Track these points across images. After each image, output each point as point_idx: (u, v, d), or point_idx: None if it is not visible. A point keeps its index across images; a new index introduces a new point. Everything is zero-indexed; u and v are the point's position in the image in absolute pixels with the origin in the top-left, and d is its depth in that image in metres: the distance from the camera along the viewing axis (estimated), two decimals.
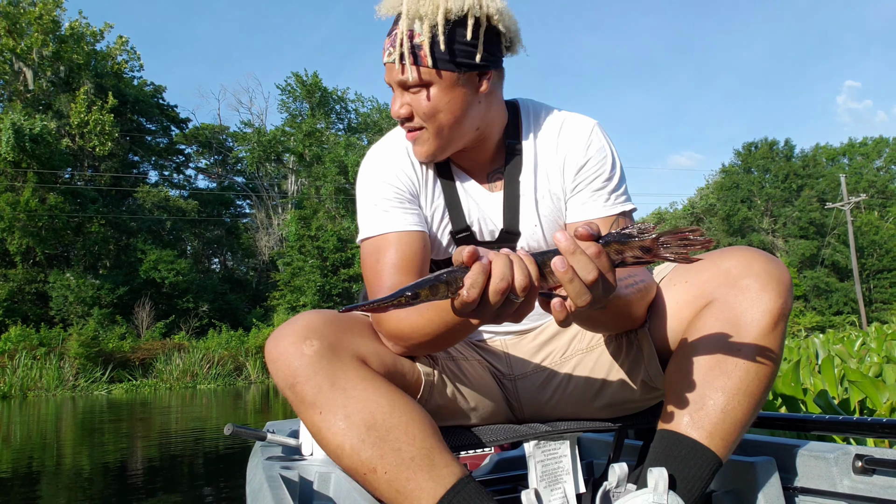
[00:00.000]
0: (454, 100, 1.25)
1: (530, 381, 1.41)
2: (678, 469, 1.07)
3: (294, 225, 33.76)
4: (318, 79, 37.30)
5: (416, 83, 1.23)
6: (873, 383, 1.93)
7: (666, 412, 1.15)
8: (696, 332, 1.15)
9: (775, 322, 1.11)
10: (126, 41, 33.49)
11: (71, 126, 29.62)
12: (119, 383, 21.77)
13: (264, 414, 11.21)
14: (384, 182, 1.33)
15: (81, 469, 5.90)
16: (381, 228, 1.30)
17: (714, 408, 1.09)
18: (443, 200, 1.37)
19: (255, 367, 24.56)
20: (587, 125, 1.35)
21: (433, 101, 1.24)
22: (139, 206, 33.11)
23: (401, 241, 1.28)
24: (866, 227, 42.21)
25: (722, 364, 1.11)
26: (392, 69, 1.24)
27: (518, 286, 0.81)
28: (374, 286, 1.26)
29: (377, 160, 1.38)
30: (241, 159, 39.42)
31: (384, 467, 1.03)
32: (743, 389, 1.09)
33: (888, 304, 38.21)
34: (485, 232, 1.37)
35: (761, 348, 1.11)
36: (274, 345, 1.10)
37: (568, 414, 1.40)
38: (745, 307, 1.12)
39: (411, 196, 1.34)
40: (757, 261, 1.15)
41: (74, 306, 26.24)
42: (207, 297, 30.39)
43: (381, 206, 1.32)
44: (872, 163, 52.24)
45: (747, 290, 1.13)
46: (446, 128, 1.27)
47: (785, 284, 1.13)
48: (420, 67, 1.21)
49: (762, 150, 45.85)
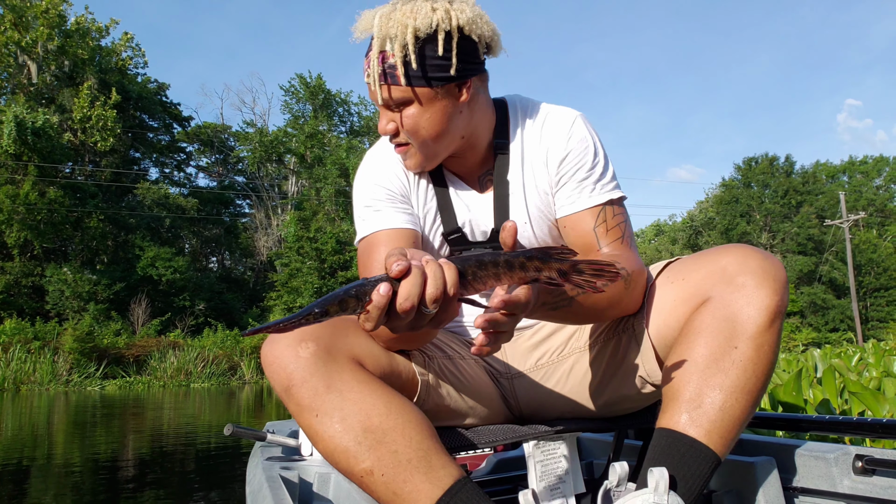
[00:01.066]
0: (434, 114, 1.26)
1: (527, 380, 1.41)
2: (677, 468, 1.07)
3: (293, 226, 33.77)
4: (322, 81, 37.42)
5: (393, 102, 1.25)
6: (874, 395, 1.92)
7: (664, 410, 1.14)
8: (692, 329, 1.15)
9: (772, 319, 1.11)
10: (131, 38, 33.58)
11: (73, 121, 29.63)
12: (112, 379, 21.73)
13: (258, 415, 11.19)
14: (376, 184, 1.37)
15: (72, 464, 5.87)
16: (373, 227, 1.33)
17: (712, 406, 1.08)
18: (435, 203, 1.39)
19: (249, 367, 24.52)
20: (568, 117, 1.36)
21: (413, 118, 1.26)
22: (139, 202, 33.08)
23: (391, 239, 1.30)
24: (864, 245, 42.28)
25: (719, 362, 1.10)
26: (371, 89, 1.27)
27: (429, 298, 0.80)
28: None
29: (370, 165, 1.42)
30: (242, 159, 39.47)
31: (381, 469, 1.03)
32: (740, 387, 1.09)
33: (884, 323, 38.19)
34: (477, 233, 1.40)
35: (758, 345, 1.10)
36: (269, 348, 1.10)
37: (567, 413, 1.40)
38: (742, 304, 1.12)
39: (403, 198, 1.37)
40: (752, 258, 1.15)
41: (70, 301, 26.19)
42: (204, 295, 30.34)
43: (372, 206, 1.35)
44: (872, 181, 52.42)
45: (743, 287, 1.12)
46: (430, 141, 1.29)
47: (780, 281, 1.13)
48: (394, 87, 1.23)
49: (762, 165, 45.96)
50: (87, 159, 31.72)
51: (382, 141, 1.43)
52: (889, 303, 40.86)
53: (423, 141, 1.29)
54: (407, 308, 0.79)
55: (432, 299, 0.80)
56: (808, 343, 32.09)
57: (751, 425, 1.60)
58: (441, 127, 1.27)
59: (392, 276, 0.78)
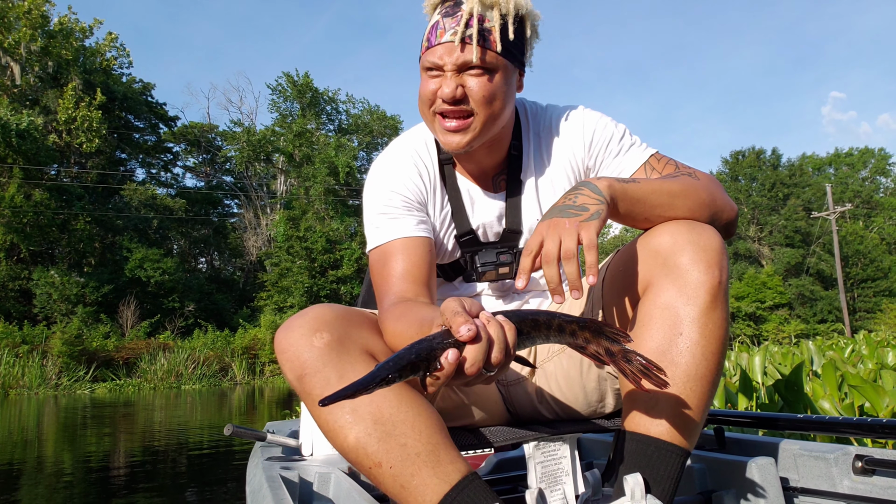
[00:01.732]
0: (508, 90, 1.28)
1: (521, 387, 1.42)
2: (647, 470, 1.06)
3: (282, 225, 33.61)
4: (310, 79, 37.15)
5: (480, 65, 1.22)
6: (874, 388, 1.93)
7: (625, 411, 1.13)
8: (639, 323, 1.12)
9: (713, 297, 1.07)
10: (115, 38, 33.22)
11: (58, 122, 29.34)
12: (102, 382, 21.56)
13: (250, 416, 11.13)
14: (391, 191, 1.34)
15: (62, 468, 5.81)
16: (388, 236, 1.31)
17: (667, 401, 1.06)
18: (449, 207, 1.39)
19: (240, 367, 24.41)
20: (576, 109, 1.41)
21: (494, 87, 1.24)
22: (126, 203, 32.81)
23: (407, 248, 1.28)
24: (851, 236, 42.62)
25: (667, 353, 1.07)
26: (451, 49, 1.22)
27: (494, 362, 0.81)
28: (382, 294, 1.27)
29: (384, 170, 1.38)
30: (229, 158, 39.17)
31: (389, 462, 1.02)
32: (692, 375, 1.06)
33: (871, 314, 38.52)
34: (489, 234, 1.40)
35: (703, 327, 1.07)
36: (284, 335, 1.11)
37: (566, 414, 1.39)
38: (679, 288, 1.07)
39: (419, 204, 1.35)
40: (682, 233, 1.10)
41: (58, 304, 25.96)
42: (193, 296, 30.17)
43: (388, 213, 1.33)
44: (858, 173, 52.80)
45: (677, 268, 1.08)
46: (495, 116, 1.27)
47: (715, 251, 1.08)
48: (488, 51, 1.22)
49: (749, 158, 46.20)
50: (73, 161, 31.43)
51: (392, 147, 1.42)
52: (876, 293, 41.21)
53: (489, 114, 1.25)
54: (473, 373, 0.79)
55: (497, 363, 0.80)
56: (797, 334, 32.35)
57: (751, 425, 1.60)
58: (507, 104, 1.28)
59: (461, 341, 0.78)
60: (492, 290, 1.45)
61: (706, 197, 1.18)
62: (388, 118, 38.44)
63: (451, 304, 0.82)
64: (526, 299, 1.47)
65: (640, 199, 1.13)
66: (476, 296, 1.45)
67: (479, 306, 0.84)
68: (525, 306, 1.46)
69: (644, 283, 1.13)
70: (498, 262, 1.38)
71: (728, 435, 1.54)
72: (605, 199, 1.06)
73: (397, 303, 1.19)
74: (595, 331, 0.89)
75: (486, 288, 1.44)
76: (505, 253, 1.39)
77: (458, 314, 0.80)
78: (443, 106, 1.25)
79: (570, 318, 0.88)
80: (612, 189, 1.09)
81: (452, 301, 0.83)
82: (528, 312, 0.87)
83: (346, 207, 35.15)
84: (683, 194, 1.15)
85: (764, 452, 1.42)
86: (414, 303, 1.17)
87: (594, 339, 0.89)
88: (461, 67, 1.23)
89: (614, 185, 1.10)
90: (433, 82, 1.26)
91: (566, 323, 0.87)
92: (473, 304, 0.84)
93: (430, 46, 1.24)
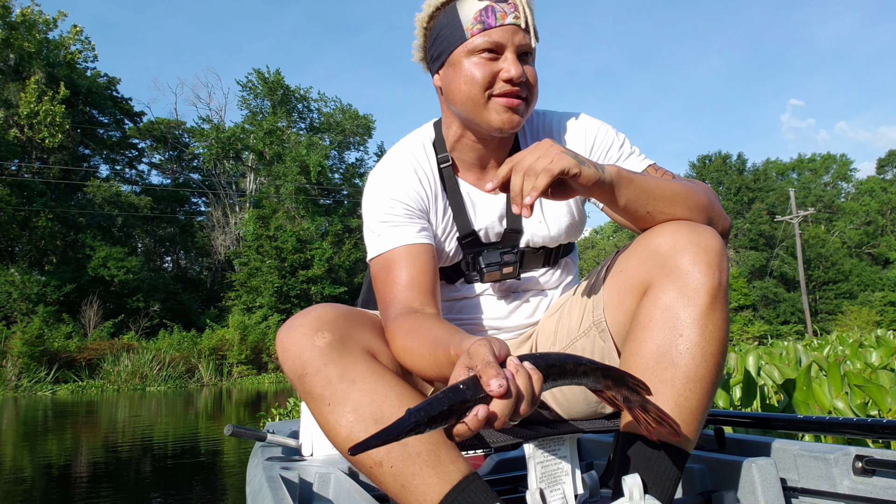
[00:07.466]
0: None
1: None
2: (646, 471, 1.06)
3: (252, 224, 33.26)
4: (281, 76, 36.82)
5: (531, 52, 1.26)
6: (877, 387, 1.94)
7: (623, 413, 1.13)
8: (637, 324, 1.12)
9: (713, 298, 1.07)
10: (80, 31, 32.56)
11: (20, 116, 28.68)
12: (64, 384, 21.15)
13: (217, 418, 10.98)
14: (392, 199, 1.33)
15: (22, 472, 5.64)
16: (391, 244, 1.29)
17: (666, 402, 1.05)
18: (451, 210, 1.38)
19: (207, 369, 24.08)
20: (578, 116, 1.42)
21: (535, 74, 1.28)
22: (89, 200, 32.08)
23: (411, 256, 1.27)
24: (813, 240, 43.76)
25: (667, 354, 1.07)
26: (516, 31, 1.24)
27: (522, 414, 0.79)
28: (387, 303, 1.24)
29: (384, 178, 1.37)
30: (197, 156, 38.60)
31: (390, 461, 1.03)
32: (692, 376, 1.06)
33: (832, 315, 39.61)
34: (491, 234, 1.41)
35: (703, 328, 1.06)
36: (286, 334, 1.11)
37: (566, 415, 1.38)
38: (680, 289, 1.07)
39: (420, 211, 1.34)
40: (682, 234, 1.10)
41: (18, 303, 25.34)
42: (159, 296, 29.71)
43: (389, 221, 1.31)
44: (820, 178, 54.30)
45: (678, 269, 1.08)
46: (535, 104, 1.30)
47: (716, 253, 1.08)
48: (532, 38, 1.26)
49: (716, 162, 47.15)
50: (35, 156, 30.66)
51: (391, 154, 1.41)
52: (837, 296, 42.39)
53: (535, 99, 1.29)
54: (499, 426, 0.78)
55: (524, 414, 0.78)
56: (760, 336, 33.05)
57: (751, 426, 1.59)
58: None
59: (492, 395, 0.76)
60: (494, 290, 1.44)
61: (706, 201, 1.19)
62: (360, 117, 38.33)
63: (481, 350, 0.79)
64: (526, 298, 1.46)
65: (646, 190, 1.12)
66: (477, 296, 1.45)
67: (507, 349, 0.81)
68: (525, 305, 1.45)
69: (644, 284, 1.13)
70: (502, 262, 1.37)
71: (728, 435, 1.54)
72: (602, 171, 1.06)
73: (404, 313, 1.17)
74: (617, 379, 0.91)
75: (487, 288, 1.44)
76: (508, 253, 1.39)
77: (490, 365, 0.76)
78: (505, 87, 1.24)
79: (595, 366, 0.89)
80: (619, 173, 1.09)
81: (482, 346, 0.79)
82: (555, 358, 0.86)
83: (317, 207, 34.93)
84: (685, 194, 1.16)
85: (764, 453, 1.42)
86: (422, 315, 1.15)
87: (615, 387, 0.91)
88: (520, 52, 1.25)
89: (622, 171, 1.10)
90: (492, 64, 1.24)
91: (591, 370, 0.89)
92: (502, 347, 0.81)
93: (489, 28, 1.23)
